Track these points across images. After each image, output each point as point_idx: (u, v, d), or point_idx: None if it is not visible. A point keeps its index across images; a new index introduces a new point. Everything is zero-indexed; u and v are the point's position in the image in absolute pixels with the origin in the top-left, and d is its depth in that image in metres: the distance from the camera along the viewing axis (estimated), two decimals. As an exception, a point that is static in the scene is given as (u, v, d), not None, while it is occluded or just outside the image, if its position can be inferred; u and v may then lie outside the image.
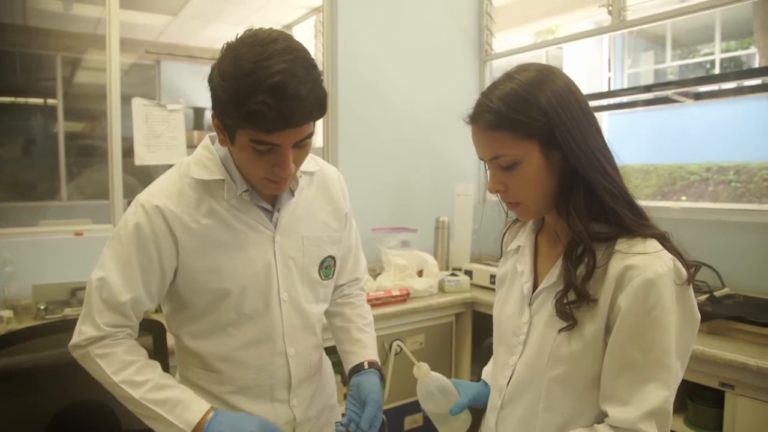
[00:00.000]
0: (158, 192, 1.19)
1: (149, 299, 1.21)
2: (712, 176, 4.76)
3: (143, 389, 1.16)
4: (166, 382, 1.19)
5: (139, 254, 1.17)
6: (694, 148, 5.42)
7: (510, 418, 1.09)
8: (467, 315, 2.88)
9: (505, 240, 1.21)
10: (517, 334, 1.08)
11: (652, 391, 0.91)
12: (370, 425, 1.24)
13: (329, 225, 1.36)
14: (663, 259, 0.92)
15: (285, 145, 1.07)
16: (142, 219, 1.16)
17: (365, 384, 1.30)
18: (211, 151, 1.22)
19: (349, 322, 1.46)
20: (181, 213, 1.18)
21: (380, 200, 3.24)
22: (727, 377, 1.97)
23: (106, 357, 1.17)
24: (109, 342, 1.18)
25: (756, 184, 3.84)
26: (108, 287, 1.16)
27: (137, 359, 1.19)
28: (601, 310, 0.94)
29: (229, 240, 1.21)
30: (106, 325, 1.17)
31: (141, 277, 1.18)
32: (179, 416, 1.14)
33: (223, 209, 1.21)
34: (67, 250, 2.47)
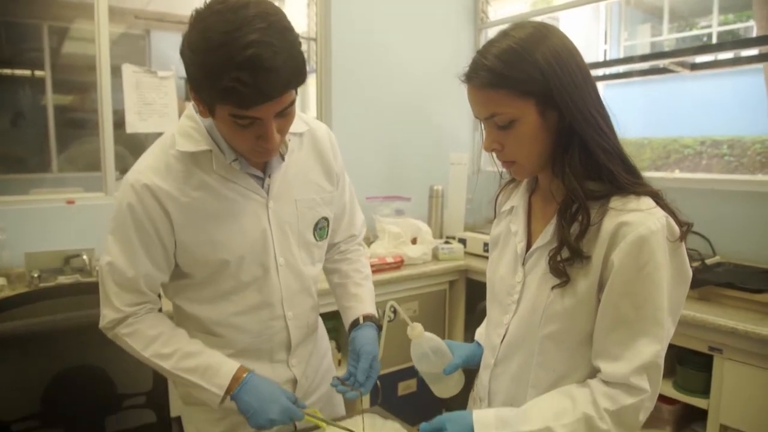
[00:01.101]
0: (145, 169, 1.17)
1: (160, 272, 1.21)
2: (705, 150, 4.76)
3: (173, 360, 1.19)
4: (193, 349, 1.21)
5: (138, 233, 1.16)
6: (688, 121, 5.42)
7: (503, 375, 1.10)
8: (461, 282, 2.90)
9: (498, 201, 1.21)
10: (510, 293, 1.09)
11: (643, 346, 0.93)
12: (366, 376, 1.26)
13: (322, 186, 1.35)
14: (656, 216, 0.93)
15: (266, 118, 1.03)
16: (133, 199, 1.15)
17: (360, 338, 1.32)
18: (196, 120, 1.18)
19: (346, 277, 1.46)
20: (171, 188, 1.16)
21: (374, 169, 3.24)
22: (716, 341, 2.00)
23: (132, 335, 1.21)
24: (132, 321, 1.21)
25: (749, 158, 3.85)
26: (117, 270, 1.18)
27: (162, 332, 1.22)
28: (594, 267, 0.95)
29: (222, 211, 1.20)
30: (124, 306, 1.20)
31: (145, 255, 1.18)
32: (210, 381, 1.19)
33: (213, 180, 1.19)
34: (59, 219, 2.45)
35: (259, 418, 1.18)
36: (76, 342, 1.75)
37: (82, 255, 2.37)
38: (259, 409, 1.18)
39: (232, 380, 1.19)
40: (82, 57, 3.01)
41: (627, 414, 0.94)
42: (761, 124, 3.68)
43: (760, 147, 3.56)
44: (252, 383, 1.19)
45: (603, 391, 0.95)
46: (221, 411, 1.31)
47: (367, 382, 1.27)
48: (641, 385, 0.93)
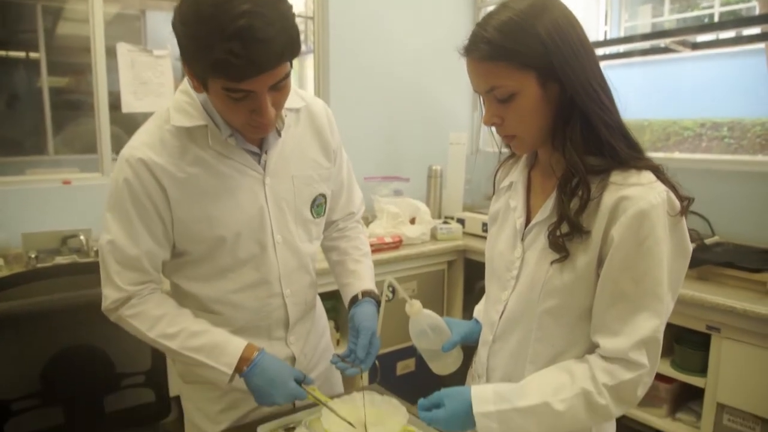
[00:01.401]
0: (140, 144, 1.15)
1: (161, 248, 1.20)
2: (705, 132, 4.74)
3: (179, 340, 1.18)
4: (198, 328, 1.20)
5: (136, 209, 1.15)
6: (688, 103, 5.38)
7: (501, 351, 1.10)
8: (459, 263, 2.90)
9: (497, 177, 1.20)
10: (509, 269, 1.08)
11: (643, 321, 0.92)
12: (366, 353, 1.26)
13: (319, 163, 1.33)
14: (657, 191, 0.92)
15: (260, 91, 1.02)
16: (129, 174, 1.13)
17: (359, 314, 1.31)
18: (191, 95, 1.16)
19: (344, 254, 1.45)
20: (166, 164, 1.14)
21: (372, 149, 3.22)
22: (714, 321, 2.00)
23: (137, 316, 1.19)
24: (136, 301, 1.20)
25: (749, 140, 3.83)
26: (118, 248, 1.16)
27: (167, 312, 1.21)
28: (594, 242, 0.94)
29: (219, 187, 1.19)
30: (127, 285, 1.18)
31: (145, 230, 1.17)
32: (218, 359, 1.18)
33: (209, 156, 1.17)
34: (55, 199, 2.44)
35: (265, 399, 1.19)
36: (74, 321, 1.75)
37: (79, 235, 2.36)
38: (265, 392, 1.19)
39: (242, 360, 1.18)
40: (77, 38, 2.98)
41: (625, 389, 0.94)
42: (761, 106, 3.66)
43: (760, 129, 3.54)
44: (262, 365, 1.19)
45: (602, 366, 0.95)
46: (220, 389, 1.31)
47: (367, 358, 1.26)
48: (640, 360, 0.93)
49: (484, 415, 0.99)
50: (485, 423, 0.99)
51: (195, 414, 1.35)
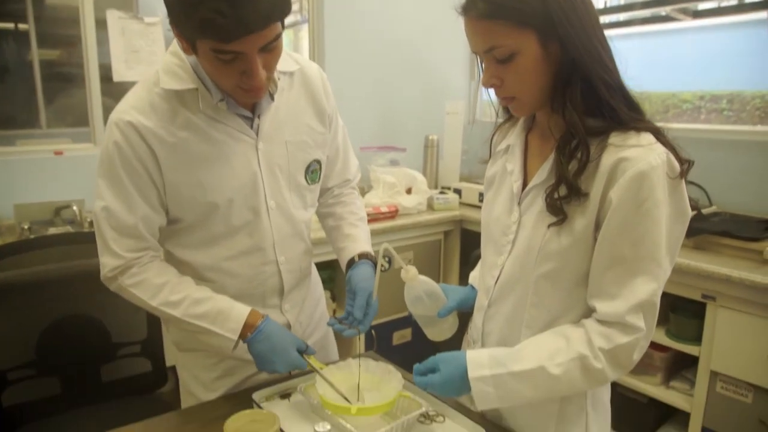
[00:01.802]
0: (128, 108, 1.12)
1: (157, 213, 1.18)
2: (704, 105, 4.68)
3: (182, 307, 1.17)
4: (201, 295, 1.19)
5: (128, 173, 1.12)
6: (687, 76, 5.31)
7: (497, 316, 1.09)
8: (456, 233, 2.90)
9: (494, 141, 1.18)
10: (506, 233, 1.07)
11: (640, 285, 0.91)
12: (363, 313, 1.25)
13: (313, 128, 1.30)
14: (656, 152, 0.90)
15: (249, 52, 0.99)
16: (119, 137, 1.10)
17: (355, 275, 1.30)
18: (181, 57, 1.12)
19: (340, 219, 1.44)
20: (156, 127, 1.11)
21: (368, 119, 3.18)
22: (710, 289, 2.01)
23: (138, 285, 1.18)
24: (136, 270, 1.18)
25: (748, 113, 3.79)
26: (113, 214, 1.14)
27: (168, 279, 1.19)
28: (592, 204, 0.93)
29: (210, 152, 1.16)
30: (124, 252, 1.16)
31: (139, 195, 1.14)
32: (222, 326, 1.17)
33: (200, 120, 1.14)
34: (47, 170, 2.42)
35: (266, 366, 1.19)
36: (68, 292, 1.74)
37: (72, 206, 2.35)
38: (267, 360, 1.18)
39: (246, 326, 1.18)
40: (67, 8, 2.91)
41: (622, 353, 0.93)
42: (761, 78, 3.61)
43: (759, 102, 3.49)
44: (266, 332, 1.18)
45: (598, 330, 0.94)
46: (216, 356, 1.31)
47: (365, 319, 1.25)
48: (637, 324, 0.92)
49: (479, 379, 0.98)
50: (480, 387, 0.98)
51: (191, 382, 1.35)
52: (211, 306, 1.18)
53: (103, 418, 1.23)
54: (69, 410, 1.71)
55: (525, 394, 0.97)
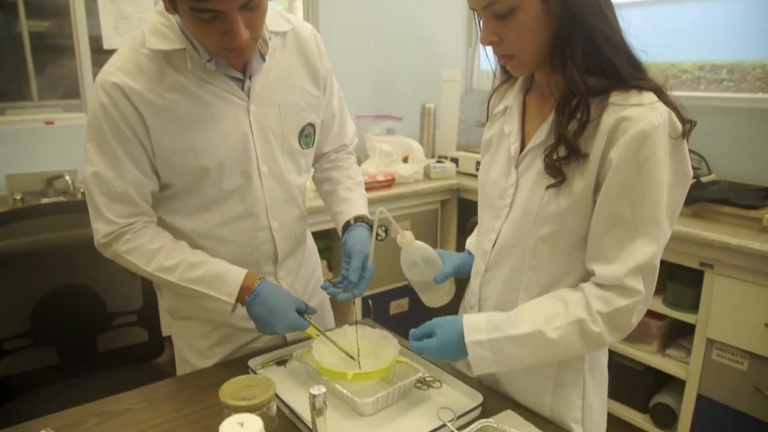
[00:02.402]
0: (114, 69, 1.08)
1: (148, 178, 1.15)
2: (704, 75, 4.65)
3: (177, 272, 1.16)
4: (197, 259, 1.17)
5: (116, 137, 1.10)
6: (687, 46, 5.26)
7: (494, 281, 1.08)
8: (453, 202, 2.88)
9: (491, 103, 1.15)
10: (503, 196, 1.05)
11: (640, 247, 0.90)
12: (359, 276, 1.22)
13: (307, 90, 1.27)
14: (658, 111, 0.87)
15: (229, 11, 0.96)
16: (105, 100, 1.07)
17: (350, 238, 1.28)
18: (167, 17, 1.09)
19: (336, 184, 1.41)
20: (143, 89, 1.08)
21: (364, 87, 3.14)
22: (708, 257, 2.00)
23: (132, 252, 1.16)
24: (130, 236, 1.16)
25: (748, 83, 3.75)
26: (104, 180, 1.11)
27: (163, 244, 1.17)
28: (592, 165, 0.91)
29: (200, 114, 1.13)
30: (117, 217, 1.14)
31: (129, 159, 1.12)
32: (219, 289, 1.16)
33: (188, 81, 1.11)
34: (39, 140, 2.39)
35: (265, 328, 1.18)
36: (63, 261, 1.73)
37: (65, 176, 2.32)
38: (266, 322, 1.17)
39: (243, 289, 1.16)
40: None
41: (620, 316, 0.92)
42: (762, 48, 3.57)
43: (760, 72, 3.44)
44: (263, 295, 1.16)
45: (596, 293, 0.93)
46: (210, 324, 1.30)
47: (360, 282, 1.23)
48: (635, 287, 0.90)
49: (476, 343, 0.97)
50: (477, 352, 0.97)
51: (185, 350, 1.34)
52: (206, 270, 1.16)
53: (100, 387, 1.22)
54: (66, 380, 1.71)
55: (522, 359, 0.97)
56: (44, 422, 1.05)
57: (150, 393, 1.18)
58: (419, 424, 1.02)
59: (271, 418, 0.97)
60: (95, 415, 1.09)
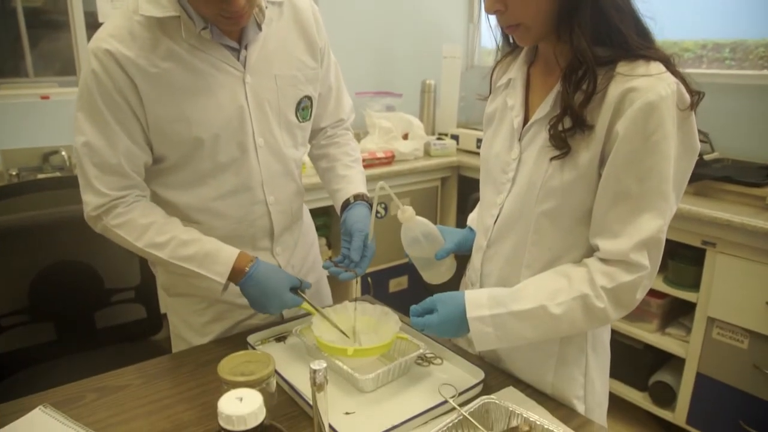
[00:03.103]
0: (107, 36, 1.05)
1: (141, 149, 1.13)
2: (706, 54, 4.61)
3: (168, 249, 1.13)
4: (188, 237, 1.15)
5: (108, 106, 1.07)
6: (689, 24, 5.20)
7: (496, 256, 1.06)
8: (453, 180, 2.86)
9: (494, 75, 1.13)
10: (505, 171, 1.03)
11: (646, 221, 0.88)
12: (361, 255, 1.21)
13: (304, 62, 1.24)
14: (666, 82, 0.85)
15: None
16: (96, 67, 1.04)
17: (351, 216, 1.26)
18: None
19: (334, 161, 1.39)
20: (136, 57, 1.05)
21: (364, 63, 3.09)
22: (710, 235, 1.99)
23: (123, 226, 1.13)
24: (121, 210, 1.13)
25: (751, 62, 3.72)
26: (95, 150, 1.08)
27: (155, 220, 1.15)
28: (597, 137, 0.88)
29: (195, 84, 1.10)
30: (108, 189, 1.11)
31: (121, 129, 1.09)
32: (210, 269, 1.14)
33: (183, 50, 1.08)
34: (34, 115, 2.36)
35: (258, 308, 1.17)
36: (60, 237, 1.72)
37: (61, 151, 2.30)
38: (260, 303, 1.16)
39: (236, 271, 1.14)
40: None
41: (624, 291, 0.90)
42: (765, 26, 3.53)
43: (763, 50, 3.40)
44: (257, 277, 1.15)
45: (600, 269, 0.91)
46: (205, 300, 1.29)
47: (362, 261, 1.21)
48: (641, 262, 0.89)
49: (478, 319, 0.96)
50: (479, 327, 0.96)
51: (181, 327, 1.33)
52: (198, 248, 1.14)
53: (98, 364, 1.21)
54: (64, 356, 1.71)
55: (525, 335, 0.95)
56: (42, 398, 1.05)
57: (148, 369, 1.17)
58: (420, 401, 1.01)
59: (271, 394, 0.96)
60: (93, 390, 1.09)
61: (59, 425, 0.96)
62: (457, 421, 0.91)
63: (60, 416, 0.98)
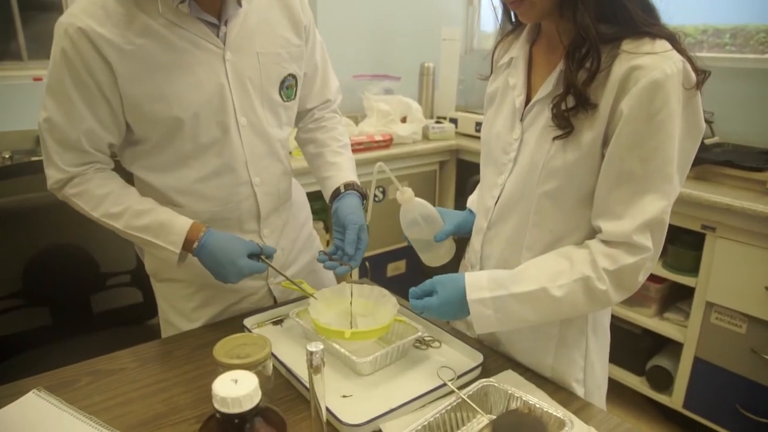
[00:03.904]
0: (79, 12, 1.02)
1: (105, 130, 1.10)
2: (707, 39, 4.59)
3: (123, 219, 1.12)
4: (143, 207, 1.14)
5: (75, 84, 1.04)
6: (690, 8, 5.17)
7: (497, 238, 1.05)
8: (451, 164, 2.84)
9: (495, 54, 1.10)
10: (507, 151, 1.01)
11: (649, 202, 0.86)
12: (355, 248, 1.19)
13: (288, 39, 1.21)
14: (672, 60, 0.83)
15: None
16: (67, 44, 1.01)
17: (343, 207, 1.24)
18: None
19: (323, 146, 1.36)
20: (110, 34, 1.02)
21: (361, 46, 3.05)
22: (710, 219, 1.98)
23: (80, 195, 1.13)
24: (78, 180, 1.12)
25: (751, 48, 3.70)
26: (56, 127, 1.07)
27: (111, 190, 1.13)
28: (601, 116, 0.87)
29: (172, 62, 1.07)
30: (68, 166, 1.11)
31: (86, 108, 1.06)
32: (165, 239, 1.13)
33: (159, 25, 1.05)
34: (27, 97, 2.32)
35: (219, 277, 1.15)
36: (54, 220, 1.70)
37: (55, 134, 2.26)
38: (217, 272, 1.14)
39: (189, 240, 1.13)
40: None
41: (627, 273, 0.89)
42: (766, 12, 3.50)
43: (764, 36, 3.37)
44: (208, 246, 1.13)
45: (603, 251, 0.90)
46: (193, 286, 1.27)
47: (356, 254, 1.20)
48: (644, 244, 0.87)
49: (478, 301, 0.95)
50: (480, 310, 0.95)
51: (169, 312, 1.32)
52: (153, 218, 1.13)
53: (94, 348, 1.20)
54: (60, 341, 1.69)
55: (525, 317, 0.94)
56: (36, 381, 1.03)
57: (143, 352, 1.16)
58: (418, 384, 1.00)
59: (267, 377, 0.95)
60: (88, 374, 1.07)
61: (53, 409, 0.95)
62: (455, 404, 0.90)
63: (54, 400, 0.97)
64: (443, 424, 0.88)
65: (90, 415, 0.93)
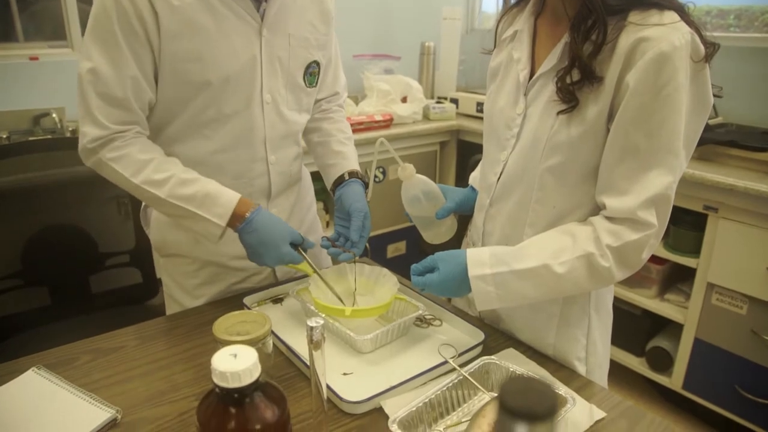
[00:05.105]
0: None
1: (149, 85, 1.07)
2: (711, 20, 4.54)
3: (167, 187, 1.08)
4: (189, 176, 1.10)
5: (125, 32, 1.01)
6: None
7: (499, 215, 1.04)
8: (452, 144, 2.82)
9: (499, 28, 1.08)
10: (510, 126, 0.99)
11: (654, 178, 0.85)
12: (359, 235, 1.19)
13: (316, 27, 1.23)
14: (680, 32, 0.81)
15: None
16: None
17: (347, 194, 1.24)
18: None
19: (328, 136, 1.37)
20: None
21: (361, 25, 3.01)
22: (713, 200, 1.97)
23: (120, 160, 1.07)
24: (119, 144, 1.07)
25: (756, 29, 3.66)
26: (101, 79, 1.03)
27: (154, 156, 1.09)
28: (606, 90, 0.85)
29: (213, 25, 1.06)
30: (110, 122, 1.05)
31: (133, 58, 1.03)
32: (210, 210, 1.09)
33: None
34: (24, 76, 2.30)
35: (255, 258, 1.13)
36: (53, 200, 1.69)
37: (52, 114, 2.24)
38: (256, 252, 1.11)
39: (236, 215, 1.09)
40: None
41: (630, 250, 0.88)
42: (772, -8, 3.47)
43: (769, 17, 3.34)
44: (255, 225, 1.10)
45: (606, 227, 0.88)
46: (198, 263, 1.26)
47: (360, 241, 1.20)
48: (648, 220, 0.86)
49: (479, 278, 0.94)
50: (481, 286, 0.94)
51: (174, 288, 1.31)
52: (199, 187, 1.09)
53: (93, 328, 1.19)
54: (59, 321, 1.69)
55: (527, 294, 0.93)
56: (35, 359, 1.03)
57: (142, 330, 1.15)
58: (419, 361, 0.99)
59: (267, 354, 0.94)
60: (87, 352, 1.07)
61: (52, 386, 0.94)
62: (457, 381, 0.90)
63: (53, 377, 0.97)
64: (444, 402, 0.88)
65: (90, 392, 0.93)
